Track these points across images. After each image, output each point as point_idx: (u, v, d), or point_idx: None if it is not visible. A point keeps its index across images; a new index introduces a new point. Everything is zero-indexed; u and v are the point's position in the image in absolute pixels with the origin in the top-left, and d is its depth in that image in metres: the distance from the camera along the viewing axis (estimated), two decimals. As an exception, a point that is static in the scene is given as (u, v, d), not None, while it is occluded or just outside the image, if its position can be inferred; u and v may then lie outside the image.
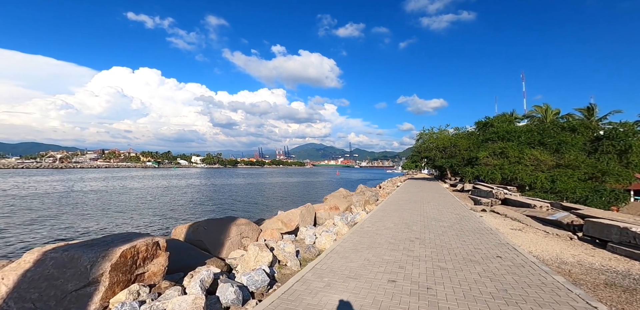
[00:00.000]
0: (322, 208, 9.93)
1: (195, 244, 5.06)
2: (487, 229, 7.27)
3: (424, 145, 33.70)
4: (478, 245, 5.74)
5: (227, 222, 5.90)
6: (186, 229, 5.18)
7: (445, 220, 8.47)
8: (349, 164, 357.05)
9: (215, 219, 5.97)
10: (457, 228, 7.40)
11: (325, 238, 6.35)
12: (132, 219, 15.27)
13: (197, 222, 5.41)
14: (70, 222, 13.89)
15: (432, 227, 7.51)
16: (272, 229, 6.66)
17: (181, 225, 5.35)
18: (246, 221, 6.37)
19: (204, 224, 5.41)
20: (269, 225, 6.93)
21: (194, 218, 15.85)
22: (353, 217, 9.41)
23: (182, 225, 5.35)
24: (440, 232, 6.98)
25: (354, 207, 11.19)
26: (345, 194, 13.68)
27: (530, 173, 21.26)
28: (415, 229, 7.31)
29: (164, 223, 14.30)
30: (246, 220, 6.39)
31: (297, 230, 7.29)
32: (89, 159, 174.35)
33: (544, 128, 26.25)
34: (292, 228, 7.10)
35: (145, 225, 13.73)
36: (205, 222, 5.50)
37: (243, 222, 6.24)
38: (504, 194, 12.12)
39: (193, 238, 5.04)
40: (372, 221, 8.45)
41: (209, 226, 5.41)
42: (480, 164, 24.81)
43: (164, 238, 3.15)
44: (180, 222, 12.65)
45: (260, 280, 3.67)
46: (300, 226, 7.75)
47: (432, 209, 10.90)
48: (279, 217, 7.31)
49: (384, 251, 5.39)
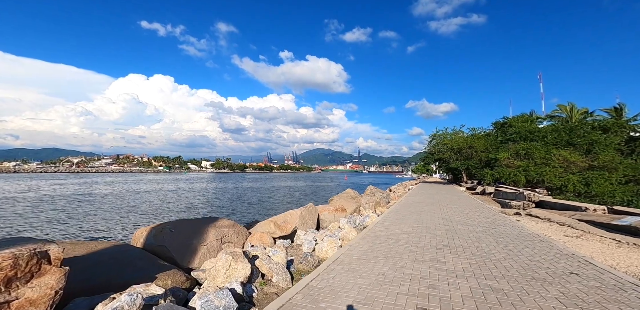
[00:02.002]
0: (327, 209, 8.63)
1: (156, 251, 3.88)
2: (533, 235, 5.77)
3: (437, 146, 31.89)
4: (532, 256, 4.30)
5: (204, 223, 4.70)
6: (147, 232, 4.01)
7: (475, 224, 6.99)
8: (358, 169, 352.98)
9: (189, 219, 4.78)
10: (493, 233, 5.94)
11: (327, 244, 5.05)
12: (104, 221, 13.14)
13: (163, 224, 4.23)
14: (30, 222, 12.65)
15: (460, 232, 6.07)
16: (262, 232, 5.42)
17: (143, 228, 4.18)
18: (230, 222, 5.17)
19: (171, 225, 4.23)
20: (259, 228, 5.69)
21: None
22: (362, 219, 8.06)
23: (144, 228, 4.18)
24: (473, 238, 5.54)
25: (363, 209, 9.82)
26: (354, 195, 12.31)
27: (559, 175, 19.22)
28: (440, 234, 5.89)
29: (142, 225, 12.86)
30: (230, 222, 5.18)
31: (294, 234, 6.02)
32: (104, 164, 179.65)
33: (572, 127, 24.12)
34: (287, 232, 5.83)
35: (118, 228, 11.86)
36: (173, 224, 4.32)
37: (226, 224, 5.04)
38: (538, 196, 10.46)
39: (154, 243, 3.87)
40: (385, 224, 7.07)
41: (177, 228, 4.23)
42: (500, 165, 22.89)
43: (58, 246, 1.98)
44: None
45: (223, 307, 2.43)
46: (298, 229, 6.47)
47: (454, 211, 9.40)
48: (273, 219, 6.06)
49: (405, 262, 4.04)
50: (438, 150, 32.13)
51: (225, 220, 5.13)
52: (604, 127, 23.48)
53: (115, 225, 12.26)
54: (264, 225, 5.66)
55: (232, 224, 5.15)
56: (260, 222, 5.83)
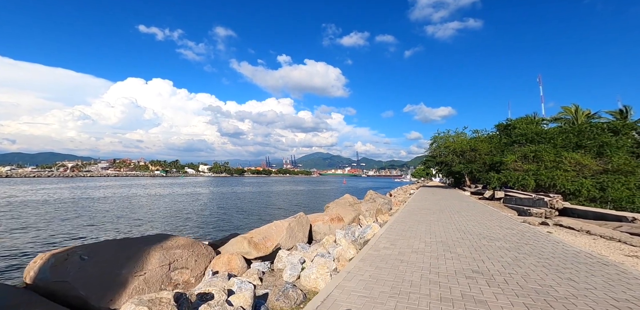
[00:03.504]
0: (321, 219, 7.32)
1: (54, 290, 2.59)
2: (586, 254, 4.49)
3: (439, 149, 30.72)
4: (610, 289, 3.02)
5: (145, 243, 3.40)
6: (43, 261, 2.68)
7: (501, 238, 5.70)
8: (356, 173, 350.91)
9: (122, 239, 3.45)
10: (531, 252, 4.65)
11: (318, 269, 3.75)
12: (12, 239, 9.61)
13: (71, 248, 2.87)
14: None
15: (487, 250, 4.79)
16: (232, 253, 4.09)
17: (42, 254, 2.80)
18: (187, 241, 3.86)
19: (85, 250, 2.90)
20: (230, 248, 4.37)
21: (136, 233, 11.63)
22: (362, 231, 6.76)
23: (43, 254, 2.80)
24: (507, 259, 4.25)
25: (363, 218, 8.51)
26: (352, 201, 11.01)
27: (572, 179, 18.02)
28: (463, 253, 4.61)
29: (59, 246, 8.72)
30: (187, 240, 3.87)
31: (277, 253, 4.70)
32: (100, 168, 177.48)
33: (581, 129, 23.07)
34: (266, 251, 4.52)
35: (15, 253, 8.15)
36: (90, 247, 2.99)
37: (180, 243, 3.73)
38: (561, 202, 9.20)
39: (50, 278, 2.57)
40: (391, 239, 5.78)
41: (96, 253, 2.92)
42: (507, 169, 21.72)
43: None
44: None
45: None
46: (283, 247, 5.16)
47: (467, 220, 8.11)
48: (248, 235, 4.73)
49: (427, 303, 2.75)
50: (440, 153, 30.97)
51: (181, 238, 3.81)
52: (614, 129, 22.48)
53: (18, 247, 8.66)
54: (236, 243, 4.34)
55: (190, 243, 3.84)
56: (234, 238, 4.52)
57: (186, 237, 3.92)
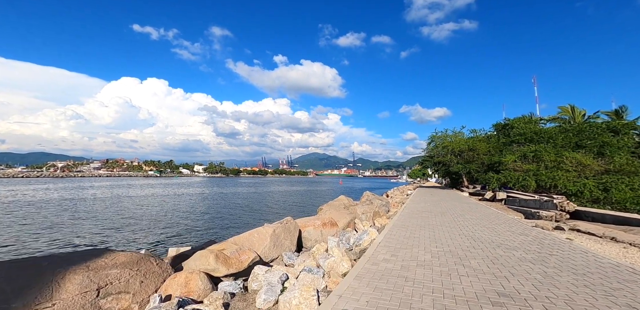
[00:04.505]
0: (312, 224, 6.48)
1: None
2: (626, 269, 3.72)
3: (437, 149, 30.15)
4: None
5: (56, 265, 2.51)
6: None
7: (517, 247, 4.93)
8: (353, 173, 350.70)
9: (7, 261, 2.49)
10: (558, 265, 3.88)
11: (301, 292, 2.91)
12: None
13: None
14: None
15: (507, 263, 4.00)
16: (192, 271, 3.21)
17: None
18: (131, 257, 2.97)
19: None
20: (192, 264, 3.47)
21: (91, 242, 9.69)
22: (358, 238, 5.94)
23: None
24: (536, 275, 3.46)
25: (359, 222, 7.69)
26: (347, 203, 10.19)
27: (574, 180, 17.49)
28: (479, 267, 3.81)
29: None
30: (132, 256, 2.99)
31: (253, 269, 3.83)
32: (92, 168, 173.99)
33: (581, 129, 22.66)
34: (241, 266, 3.64)
35: None
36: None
37: (120, 261, 2.84)
38: (572, 204, 8.51)
39: None
40: (391, 248, 4.96)
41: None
42: (507, 169, 21.18)
43: None
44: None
45: None
46: (265, 257, 4.30)
47: (474, 224, 7.36)
48: (215, 248, 3.84)
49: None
50: (438, 153, 30.40)
51: (122, 254, 2.93)
52: (613, 128, 22.12)
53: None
54: (200, 258, 3.43)
55: (135, 259, 2.96)
56: (199, 251, 3.63)
57: (132, 252, 3.04)
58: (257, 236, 5.14)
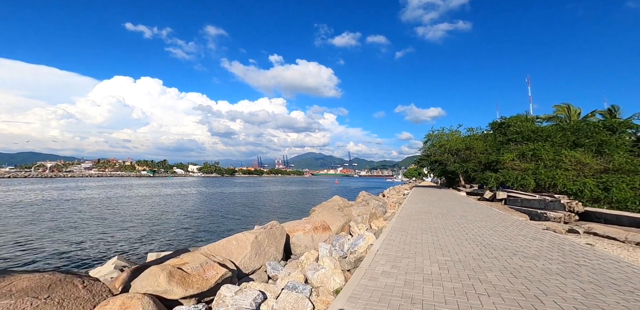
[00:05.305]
0: (301, 228, 5.76)
1: None
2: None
3: (434, 147, 29.70)
4: None
5: None
6: None
7: (536, 255, 4.30)
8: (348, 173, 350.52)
9: None
10: (594, 280, 3.24)
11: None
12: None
13: None
14: None
15: (530, 276, 3.35)
16: (130, 296, 2.45)
17: None
18: (44, 280, 2.23)
19: None
20: (139, 284, 2.69)
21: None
22: (353, 243, 5.24)
23: None
24: (574, 294, 2.82)
25: (355, 225, 6.99)
26: (342, 204, 9.49)
27: (573, 179, 17.12)
28: (499, 283, 3.15)
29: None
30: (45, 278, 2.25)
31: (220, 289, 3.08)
32: (83, 168, 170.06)
33: (579, 127, 22.40)
34: (205, 285, 2.90)
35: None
36: None
37: (21, 287, 2.08)
38: (581, 205, 7.97)
39: None
40: (390, 256, 4.28)
41: None
42: (505, 168, 20.77)
43: None
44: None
45: None
46: (245, 268, 3.56)
47: (479, 227, 6.73)
48: (171, 263, 3.05)
49: None
50: (434, 152, 29.95)
51: (25, 277, 2.16)
52: (610, 127, 21.92)
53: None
54: (149, 277, 2.66)
55: (49, 282, 2.20)
56: (152, 267, 2.85)
57: (45, 273, 2.28)
58: (235, 244, 4.40)
